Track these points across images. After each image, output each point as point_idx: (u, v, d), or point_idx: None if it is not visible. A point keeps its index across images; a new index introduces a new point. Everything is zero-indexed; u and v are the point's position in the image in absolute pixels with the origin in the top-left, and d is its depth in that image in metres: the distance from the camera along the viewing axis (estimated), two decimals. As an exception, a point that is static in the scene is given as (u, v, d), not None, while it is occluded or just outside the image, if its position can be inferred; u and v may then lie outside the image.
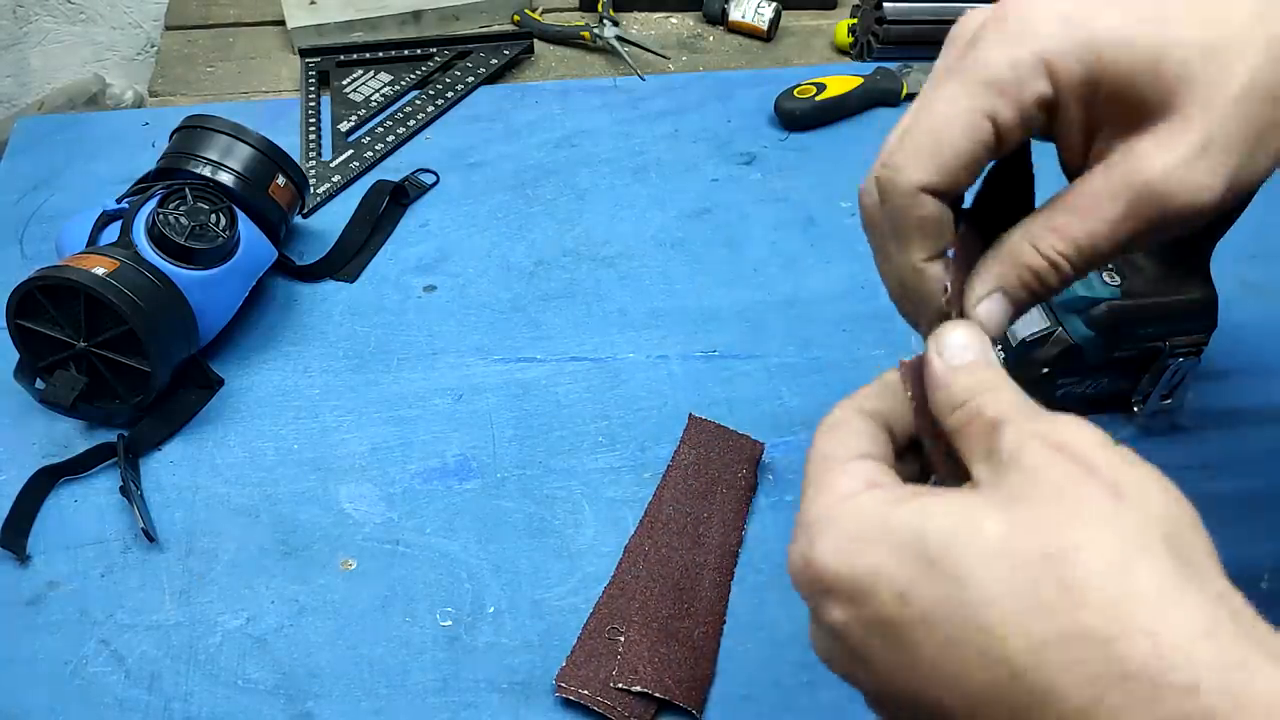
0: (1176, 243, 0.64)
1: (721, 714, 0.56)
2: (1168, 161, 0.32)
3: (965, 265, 0.36)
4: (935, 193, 0.34)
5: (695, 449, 0.66)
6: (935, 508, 0.30)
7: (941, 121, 0.34)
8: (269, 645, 0.58)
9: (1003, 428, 0.31)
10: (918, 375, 0.35)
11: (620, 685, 0.55)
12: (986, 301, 0.35)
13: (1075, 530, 0.27)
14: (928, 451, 0.36)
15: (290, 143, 0.88)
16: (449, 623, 0.59)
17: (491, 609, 0.60)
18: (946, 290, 0.35)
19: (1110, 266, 0.65)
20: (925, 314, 0.36)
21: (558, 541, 0.63)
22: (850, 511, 0.31)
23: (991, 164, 0.36)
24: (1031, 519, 0.28)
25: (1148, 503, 0.28)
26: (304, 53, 1.01)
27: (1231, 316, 0.66)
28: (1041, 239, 0.34)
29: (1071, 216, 0.34)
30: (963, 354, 0.34)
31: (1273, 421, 0.71)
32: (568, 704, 0.56)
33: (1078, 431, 0.30)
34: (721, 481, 0.65)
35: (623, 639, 0.57)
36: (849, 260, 0.82)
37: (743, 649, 0.58)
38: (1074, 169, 0.36)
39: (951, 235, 0.35)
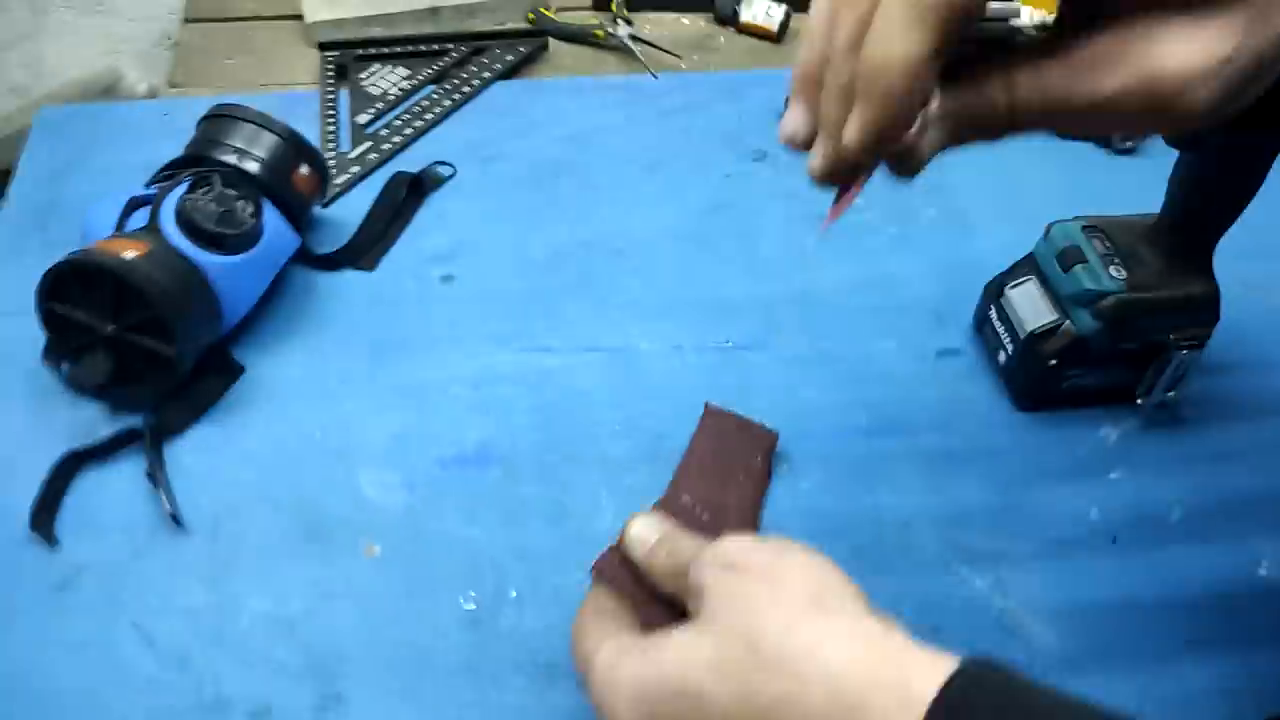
0: (1180, 238, 0.65)
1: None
2: (1188, 61, 0.31)
3: None
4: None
5: (712, 438, 0.68)
6: (666, 650, 0.39)
7: None
8: (297, 628, 0.59)
9: (690, 569, 0.42)
10: (619, 566, 0.48)
11: None
12: (932, 129, 0.37)
13: (752, 620, 0.37)
14: (652, 617, 0.46)
15: (309, 135, 0.88)
16: (472, 606, 0.61)
17: (514, 593, 0.61)
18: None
19: (1116, 260, 0.66)
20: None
21: (577, 528, 0.65)
22: (618, 680, 0.40)
23: None
24: (725, 626, 0.38)
25: (793, 579, 0.39)
26: (322, 46, 1.02)
27: (1232, 312, 0.68)
28: (1019, 83, 0.34)
29: (1062, 71, 0.33)
30: (650, 538, 0.46)
31: (1272, 414, 0.73)
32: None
33: (737, 548, 0.41)
34: (738, 470, 0.66)
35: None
36: (859, 256, 0.83)
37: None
38: (1078, 17, 0.33)
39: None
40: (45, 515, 0.63)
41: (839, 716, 0.34)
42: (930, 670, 0.34)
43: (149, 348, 0.65)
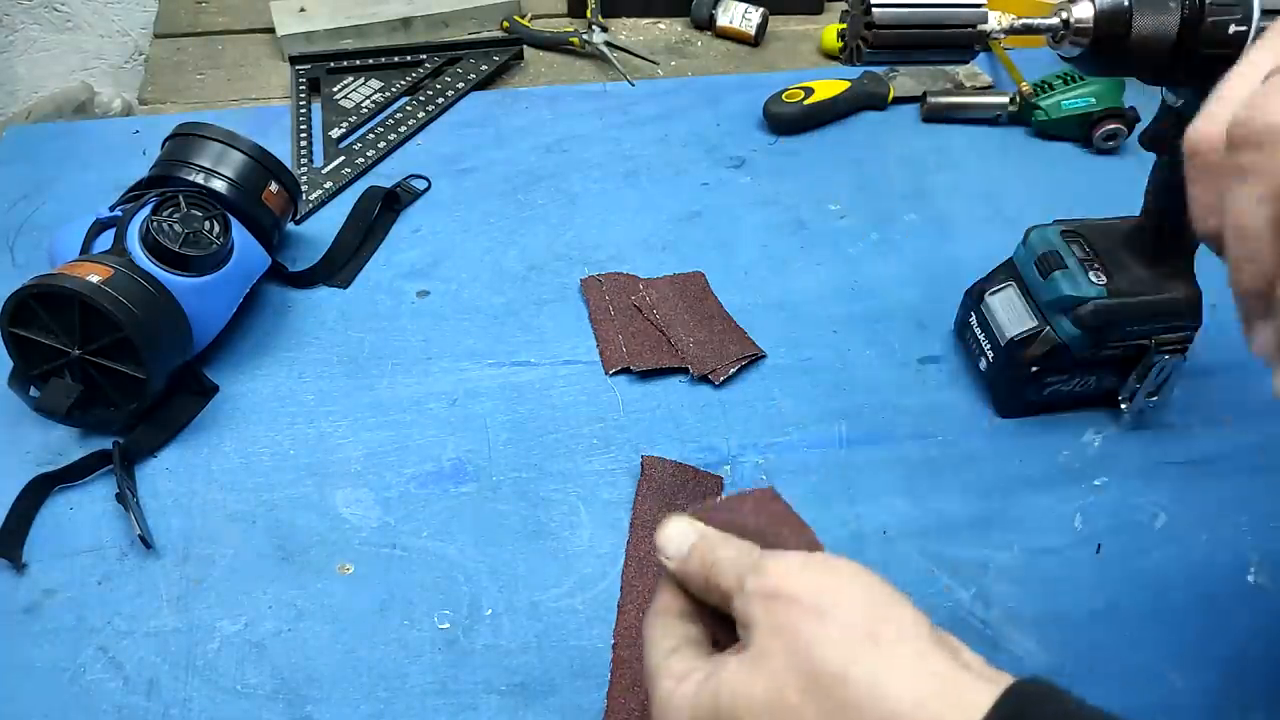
0: (1161, 242, 0.65)
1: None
2: None
3: None
4: None
5: (655, 490, 0.66)
6: (723, 686, 0.37)
7: None
8: (267, 650, 0.58)
9: (734, 601, 0.39)
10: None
11: None
12: None
13: (805, 661, 0.35)
14: (712, 630, 0.42)
15: (281, 150, 0.88)
16: (447, 625, 0.60)
17: (489, 611, 0.60)
18: None
19: (1096, 265, 0.65)
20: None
21: (554, 544, 0.64)
22: (677, 705, 0.38)
23: None
24: (778, 665, 0.36)
25: (844, 610, 0.36)
26: (294, 60, 1.02)
27: (1216, 315, 0.67)
28: None
29: None
30: (681, 546, 0.41)
31: (1256, 417, 0.72)
32: (566, 705, 0.56)
33: (782, 573, 0.38)
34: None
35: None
36: (838, 262, 0.83)
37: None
38: None
39: None
40: (13, 539, 0.63)
41: None
42: (983, 693, 0.33)
43: (117, 370, 0.65)
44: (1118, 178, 0.91)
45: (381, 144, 0.92)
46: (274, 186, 0.76)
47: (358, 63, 1.02)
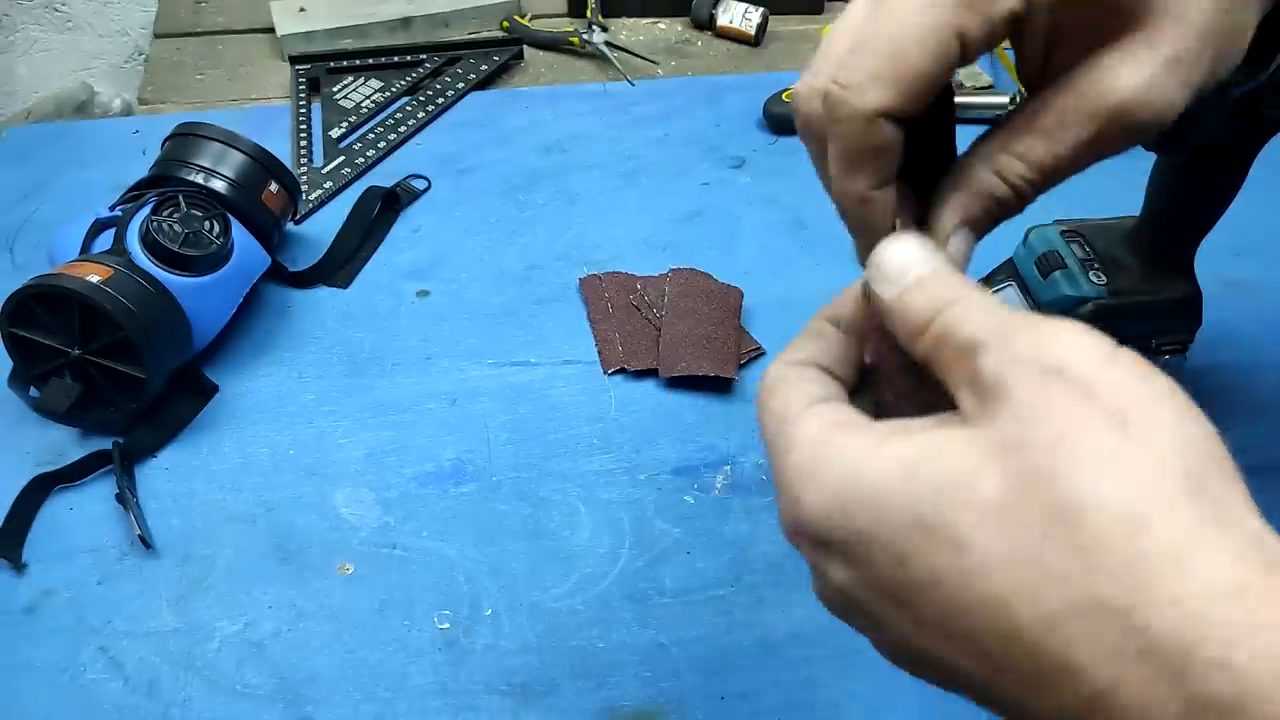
0: (1160, 241, 0.65)
1: (720, 713, 0.56)
2: (1139, 80, 0.30)
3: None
4: (892, 117, 0.30)
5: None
6: (925, 459, 0.26)
7: (903, 35, 0.29)
8: (267, 650, 0.58)
9: (981, 353, 0.27)
10: (874, 307, 0.31)
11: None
12: (955, 237, 0.33)
13: (1080, 481, 0.24)
14: (887, 390, 0.32)
15: (281, 149, 0.88)
16: (447, 625, 0.60)
17: (489, 611, 0.60)
18: (895, 225, 0.33)
19: (1096, 265, 0.65)
20: (873, 242, 0.33)
21: (554, 543, 0.64)
22: (827, 461, 0.28)
23: None
24: (1031, 470, 0.24)
25: (1159, 433, 0.24)
26: (294, 60, 1.02)
27: (1215, 313, 0.67)
28: (1007, 166, 0.32)
29: (1037, 140, 0.32)
30: (908, 272, 0.30)
31: (1258, 416, 0.72)
32: (566, 705, 0.56)
33: (1074, 347, 0.26)
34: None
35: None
36: (839, 262, 0.83)
37: (741, 647, 0.59)
38: (1032, 81, 0.33)
39: (898, 161, 0.32)
40: (13, 539, 0.63)
41: (1174, 671, 0.22)
42: None
43: (117, 370, 0.65)
44: (1117, 178, 0.90)
45: (381, 144, 0.93)
46: (274, 186, 0.76)
47: (358, 63, 1.02)
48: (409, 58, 1.03)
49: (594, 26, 1.07)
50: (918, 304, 0.29)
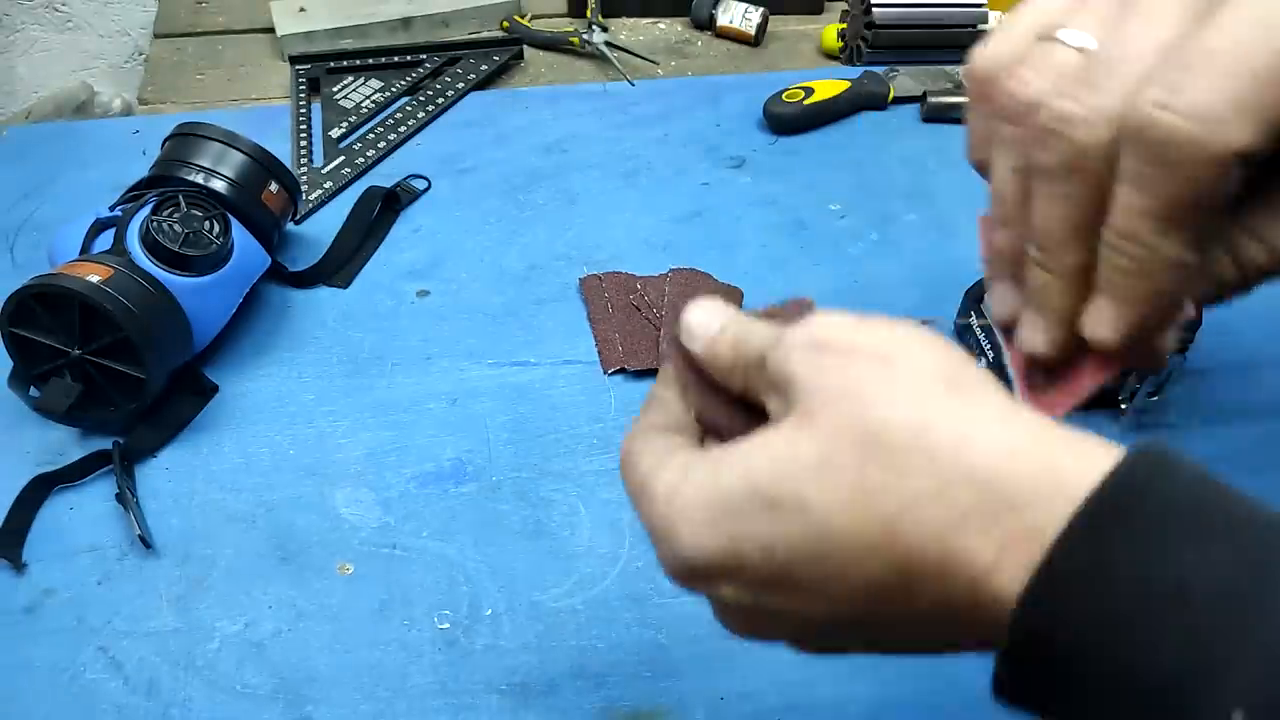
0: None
1: (720, 713, 0.56)
2: None
3: None
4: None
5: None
6: (752, 454, 0.30)
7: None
8: (267, 650, 0.58)
9: (767, 356, 0.32)
10: (685, 363, 0.36)
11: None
12: None
13: (870, 411, 0.28)
14: (725, 434, 0.35)
15: (281, 149, 0.88)
16: (446, 625, 0.60)
17: (489, 611, 0.60)
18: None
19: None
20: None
21: (554, 544, 0.64)
22: (685, 500, 0.31)
23: None
24: (831, 422, 0.29)
25: (915, 361, 0.29)
26: (294, 60, 1.02)
27: (1215, 314, 0.67)
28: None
29: None
30: (713, 324, 0.35)
31: (1258, 416, 0.72)
32: (566, 705, 0.56)
33: (829, 325, 0.31)
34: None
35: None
36: (838, 262, 0.83)
37: (741, 647, 0.59)
38: None
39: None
40: (13, 539, 0.63)
41: (986, 520, 0.27)
42: (1096, 458, 0.27)
43: (117, 370, 0.65)
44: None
45: (381, 144, 0.93)
46: (274, 186, 0.76)
47: (358, 63, 1.02)
48: (409, 58, 1.03)
49: (594, 26, 1.07)
50: (723, 345, 0.34)
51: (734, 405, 0.35)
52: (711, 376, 0.35)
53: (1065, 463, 0.27)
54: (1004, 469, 0.27)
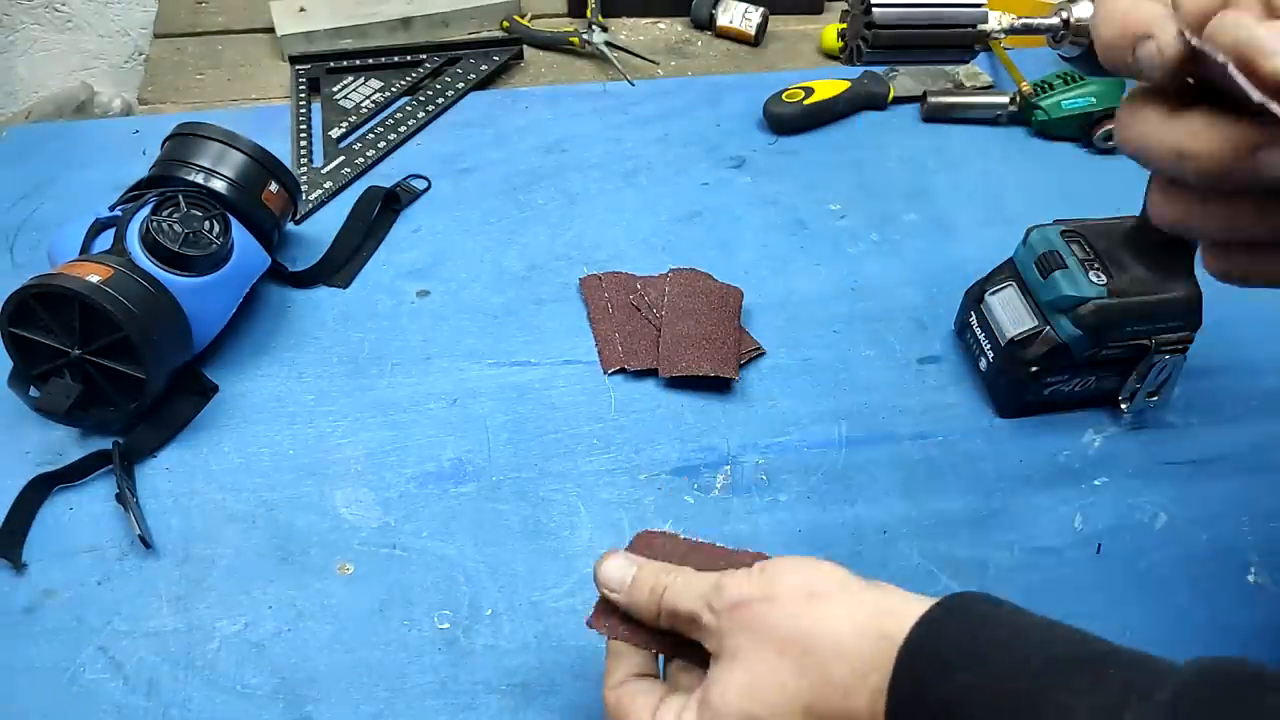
0: (1161, 241, 0.65)
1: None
2: None
3: None
4: None
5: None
6: (710, 693, 0.42)
7: None
8: (267, 650, 0.58)
9: (701, 619, 0.44)
10: (611, 608, 0.47)
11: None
12: None
13: (771, 635, 0.42)
14: (663, 651, 0.47)
15: (281, 149, 0.88)
16: (446, 625, 0.60)
17: (489, 611, 0.60)
18: None
19: (1096, 264, 0.65)
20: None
21: (554, 543, 0.64)
22: None
23: None
24: (752, 654, 0.42)
25: (785, 585, 0.43)
26: (294, 60, 1.02)
27: (1215, 314, 0.67)
28: None
29: None
30: (626, 577, 0.46)
31: (1257, 416, 0.72)
32: (566, 705, 0.56)
33: (738, 584, 0.43)
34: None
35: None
36: (838, 262, 0.83)
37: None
38: None
39: None
40: (13, 539, 0.63)
41: (856, 681, 0.39)
42: (914, 611, 0.40)
43: (117, 370, 0.65)
44: (1118, 178, 0.90)
45: (381, 144, 0.92)
46: (274, 186, 0.76)
47: (358, 63, 1.02)
48: (409, 58, 1.03)
49: (594, 26, 1.07)
50: (642, 597, 0.46)
51: (664, 633, 0.46)
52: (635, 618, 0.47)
53: (900, 623, 0.39)
54: (854, 645, 0.40)
